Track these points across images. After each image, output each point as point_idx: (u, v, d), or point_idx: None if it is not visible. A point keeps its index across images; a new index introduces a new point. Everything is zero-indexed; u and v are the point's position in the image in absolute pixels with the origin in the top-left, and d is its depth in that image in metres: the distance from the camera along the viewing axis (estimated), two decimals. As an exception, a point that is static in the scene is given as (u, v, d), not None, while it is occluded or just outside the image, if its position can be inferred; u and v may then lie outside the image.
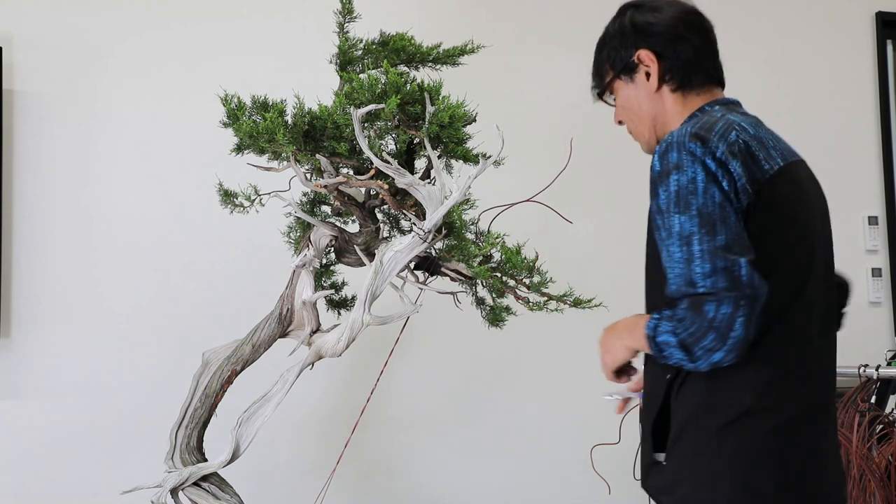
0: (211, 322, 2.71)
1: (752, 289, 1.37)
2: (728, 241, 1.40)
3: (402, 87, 1.89)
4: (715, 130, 1.47)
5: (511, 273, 2.06)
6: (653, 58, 1.64)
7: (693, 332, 1.39)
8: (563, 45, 3.28)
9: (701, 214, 1.41)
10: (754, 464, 1.46)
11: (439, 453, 3.02)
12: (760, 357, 1.46)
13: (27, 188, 2.74)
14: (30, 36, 2.77)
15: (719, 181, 1.42)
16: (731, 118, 1.53)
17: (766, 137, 1.54)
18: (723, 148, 1.44)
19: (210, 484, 2.08)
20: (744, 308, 1.37)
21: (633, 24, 1.67)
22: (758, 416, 1.46)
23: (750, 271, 1.38)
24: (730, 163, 1.44)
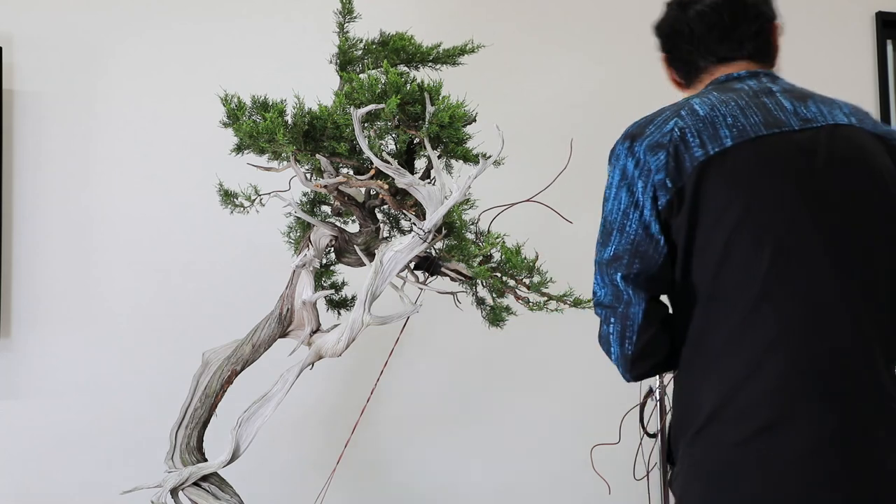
0: (211, 322, 2.71)
1: (626, 305, 1.38)
2: (616, 253, 1.39)
3: (402, 87, 1.89)
4: (656, 121, 1.42)
5: (511, 273, 2.06)
6: (664, 61, 1.64)
7: (602, 346, 1.47)
8: (563, 45, 3.28)
9: (605, 221, 1.43)
10: (718, 477, 1.33)
11: (439, 453, 3.02)
12: (720, 359, 1.35)
13: (27, 188, 2.74)
14: (30, 36, 2.77)
15: (633, 184, 1.38)
16: (693, 100, 1.43)
17: (725, 115, 1.38)
18: (652, 139, 1.39)
19: (210, 484, 2.08)
20: (615, 326, 1.40)
21: (657, 27, 1.65)
22: (721, 424, 1.33)
23: (625, 286, 1.38)
24: (650, 157, 1.38)
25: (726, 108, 1.41)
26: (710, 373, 1.36)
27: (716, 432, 1.33)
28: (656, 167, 1.37)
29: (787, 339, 1.31)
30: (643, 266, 1.39)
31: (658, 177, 1.37)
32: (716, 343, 1.35)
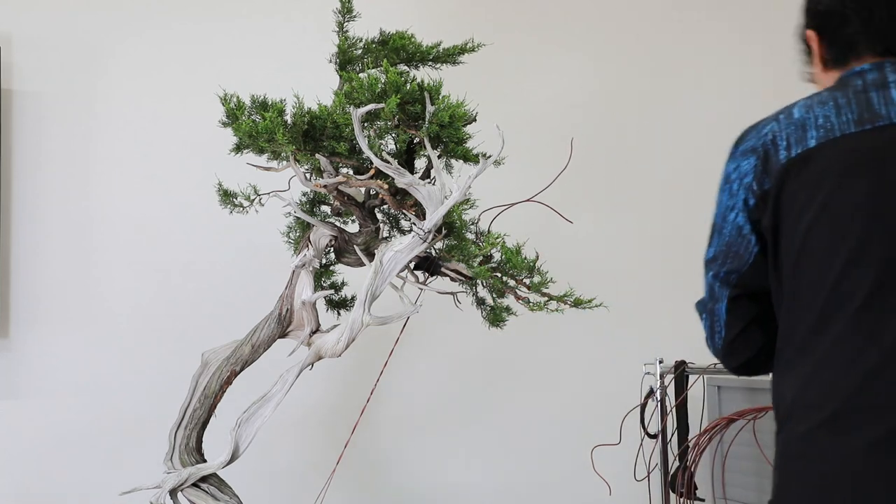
0: (211, 322, 2.71)
1: (714, 302, 1.48)
2: (716, 253, 1.47)
3: (401, 87, 1.88)
4: (757, 126, 1.47)
5: (511, 273, 2.06)
6: (815, 37, 1.59)
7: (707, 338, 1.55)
8: (564, 45, 3.27)
9: (713, 223, 1.49)
10: (785, 472, 1.36)
11: (439, 453, 3.01)
12: (797, 359, 1.36)
13: (27, 188, 2.73)
14: (30, 36, 2.77)
15: (730, 185, 1.45)
16: (800, 102, 1.47)
17: (818, 116, 1.39)
18: (748, 144, 1.45)
19: (209, 485, 2.08)
20: (706, 322, 1.50)
21: (805, 4, 1.63)
22: (793, 419, 1.34)
23: (718, 286, 1.47)
24: (742, 161, 1.44)
25: (822, 109, 1.42)
26: (788, 370, 1.40)
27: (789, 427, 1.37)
28: (746, 171, 1.43)
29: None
30: (734, 265, 1.45)
31: (747, 180, 1.43)
32: (795, 341, 1.38)
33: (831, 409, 1.30)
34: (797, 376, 1.36)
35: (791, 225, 1.37)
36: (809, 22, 1.59)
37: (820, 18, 1.56)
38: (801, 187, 1.36)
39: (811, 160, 1.36)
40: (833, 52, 1.53)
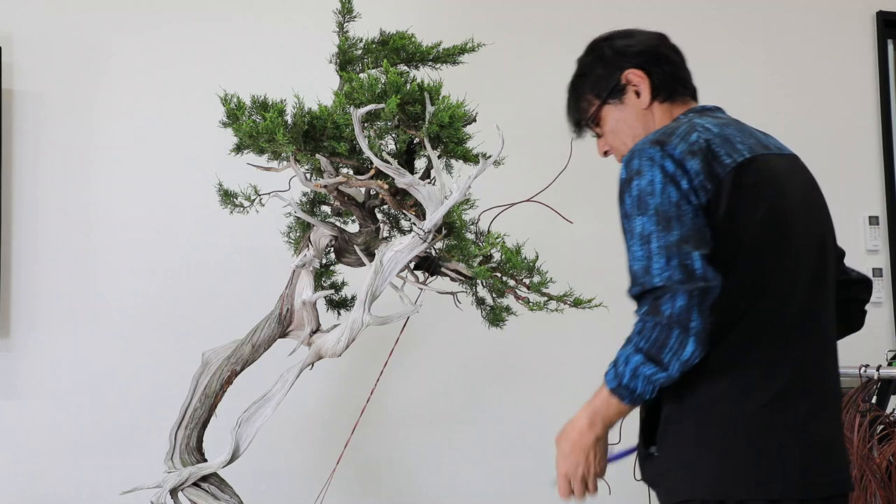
0: (211, 322, 2.71)
1: (706, 280, 1.43)
2: (683, 236, 1.46)
3: (401, 87, 1.88)
4: (677, 133, 1.54)
5: (511, 273, 2.06)
6: (641, 75, 1.72)
7: (656, 338, 1.44)
8: (564, 44, 3.26)
9: (658, 213, 1.48)
10: (729, 450, 1.48)
11: (439, 453, 3.01)
12: (734, 345, 1.50)
13: (27, 188, 2.73)
14: (30, 36, 2.77)
15: (677, 181, 1.48)
16: (696, 121, 1.59)
17: (733, 134, 1.57)
18: (682, 147, 1.51)
19: (210, 484, 2.08)
20: (696, 298, 1.43)
21: (613, 50, 1.77)
22: (733, 401, 1.49)
23: (703, 263, 1.44)
24: (687, 161, 1.49)
25: (729, 130, 1.58)
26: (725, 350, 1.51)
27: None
28: (695, 171, 1.49)
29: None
30: (710, 248, 1.48)
31: (698, 180, 1.49)
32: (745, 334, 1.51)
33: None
34: (733, 362, 1.49)
35: (739, 225, 1.50)
36: (630, 62, 1.73)
37: (642, 58, 1.73)
38: (746, 190, 1.50)
39: (749, 169, 1.52)
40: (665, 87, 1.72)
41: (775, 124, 3.62)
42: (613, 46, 1.77)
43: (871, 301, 3.67)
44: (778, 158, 1.61)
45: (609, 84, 1.74)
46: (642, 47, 1.74)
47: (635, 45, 1.75)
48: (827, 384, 1.57)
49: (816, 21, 3.63)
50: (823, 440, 1.53)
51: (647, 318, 1.46)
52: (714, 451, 1.49)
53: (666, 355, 1.44)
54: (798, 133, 3.58)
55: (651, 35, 1.78)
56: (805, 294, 1.56)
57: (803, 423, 1.50)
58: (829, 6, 3.65)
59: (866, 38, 3.68)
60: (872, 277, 3.51)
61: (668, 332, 1.43)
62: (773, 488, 1.47)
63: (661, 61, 1.73)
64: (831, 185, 3.58)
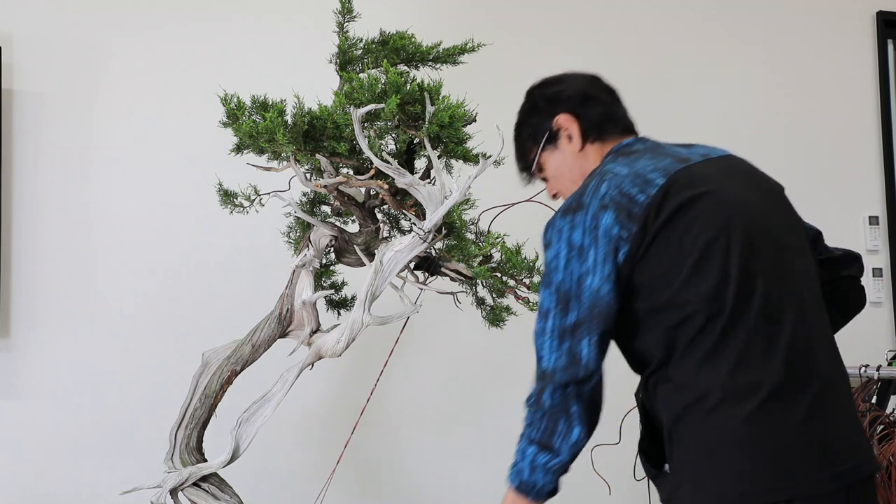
0: (211, 322, 2.71)
1: (587, 370, 1.50)
2: (579, 318, 1.51)
3: (401, 87, 1.89)
4: (587, 191, 1.56)
5: (511, 273, 2.06)
6: (571, 119, 1.75)
7: (545, 427, 1.54)
8: (564, 44, 3.28)
9: (558, 291, 1.53)
10: (730, 457, 1.47)
11: (439, 453, 3.01)
12: (713, 352, 1.49)
13: (27, 188, 2.73)
14: (30, 36, 2.77)
15: (584, 252, 1.51)
16: (608, 167, 1.60)
17: (645, 166, 1.57)
18: (595, 205, 1.53)
19: (210, 484, 2.08)
20: (573, 389, 1.51)
21: (543, 97, 1.81)
22: (726, 408, 1.47)
23: (589, 351, 1.50)
24: (600, 218, 1.51)
25: (641, 163, 1.59)
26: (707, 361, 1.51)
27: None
28: (608, 226, 1.51)
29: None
30: (605, 325, 1.52)
31: (613, 232, 1.51)
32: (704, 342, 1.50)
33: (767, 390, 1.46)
34: (717, 369, 1.48)
35: (676, 243, 1.50)
36: (560, 108, 1.76)
37: (571, 102, 1.76)
38: (671, 216, 1.50)
39: (670, 192, 1.52)
40: (595, 128, 1.74)
41: (775, 124, 3.63)
42: (544, 94, 1.81)
43: (871, 301, 3.68)
44: (703, 164, 1.61)
45: (543, 130, 1.78)
46: (571, 92, 1.78)
47: (564, 90, 1.79)
48: (823, 372, 1.53)
49: (816, 21, 3.63)
50: (826, 431, 1.49)
51: (533, 408, 1.55)
52: (717, 460, 1.48)
53: (556, 441, 1.53)
54: (798, 133, 3.59)
55: (581, 78, 1.82)
56: (773, 284, 1.53)
57: (802, 419, 1.47)
58: (829, 6, 3.65)
59: (866, 38, 3.68)
60: (872, 277, 3.52)
61: (555, 420, 1.52)
62: (778, 490, 1.45)
63: (590, 103, 1.76)
64: (831, 185, 3.61)
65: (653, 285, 1.52)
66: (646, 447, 1.66)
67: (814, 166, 3.56)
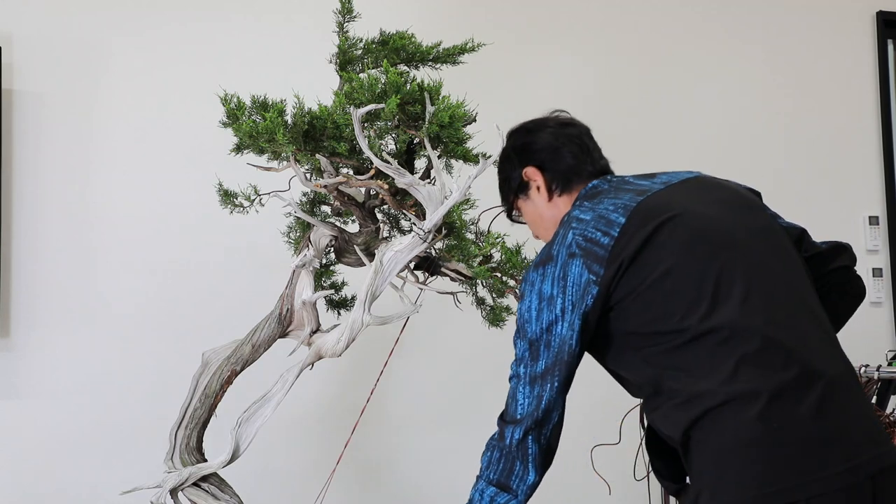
0: (211, 322, 2.71)
1: (546, 413, 1.58)
2: (546, 367, 1.58)
3: (401, 87, 1.88)
4: (555, 242, 1.61)
5: (511, 273, 2.06)
6: (537, 172, 1.80)
7: (503, 467, 1.60)
8: (563, 45, 3.28)
9: (531, 342, 1.60)
10: (741, 459, 1.46)
11: (439, 453, 3.01)
12: (709, 364, 1.50)
13: (27, 188, 2.74)
14: (30, 36, 2.77)
15: (553, 302, 1.57)
16: (573, 214, 1.65)
17: (607, 207, 1.61)
18: (563, 255, 1.58)
19: (210, 484, 2.08)
20: (533, 432, 1.58)
21: (514, 148, 1.85)
22: (732, 411, 1.47)
23: (554, 396, 1.58)
24: (569, 267, 1.57)
25: (602, 205, 1.63)
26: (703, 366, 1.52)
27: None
28: (576, 274, 1.56)
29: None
30: (567, 371, 1.59)
31: (584, 278, 1.56)
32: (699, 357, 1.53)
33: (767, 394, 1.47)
34: (717, 379, 1.48)
35: (649, 280, 1.54)
36: (528, 160, 1.80)
37: (540, 155, 1.80)
38: (640, 251, 1.54)
39: (632, 224, 1.56)
40: (560, 182, 1.78)
41: (775, 124, 3.63)
42: (516, 144, 1.85)
43: (871, 301, 3.68)
44: (664, 192, 1.64)
45: (515, 180, 1.84)
46: (541, 145, 1.81)
47: (533, 142, 1.82)
48: (825, 370, 1.50)
49: (816, 21, 3.63)
50: (839, 425, 1.47)
51: (495, 443, 1.62)
52: (731, 464, 1.47)
53: (514, 482, 1.59)
54: (798, 133, 3.59)
55: (552, 129, 1.84)
56: (755, 293, 1.53)
57: (812, 416, 1.45)
58: (829, 6, 3.65)
59: (866, 38, 3.68)
60: (872, 277, 3.52)
61: (513, 462, 1.59)
62: (797, 489, 1.43)
63: (558, 155, 1.79)
64: (831, 185, 3.61)
65: (635, 318, 1.56)
66: (659, 467, 1.68)
67: (814, 166, 3.56)
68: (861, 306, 3.44)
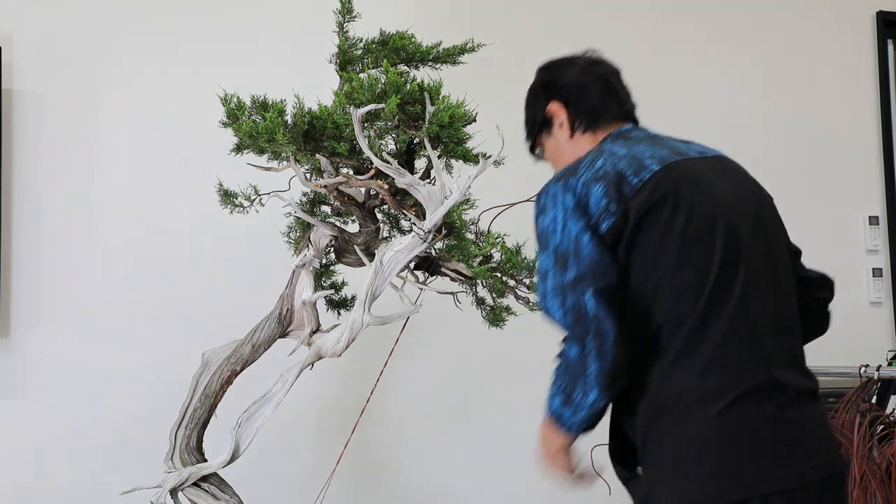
0: (211, 322, 2.71)
1: (597, 322, 1.47)
2: (579, 274, 1.51)
3: (401, 87, 1.89)
4: (584, 163, 1.59)
5: (511, 273, 2.06)
6: (561, 108, 1.78)
7: (566, 384, 1.52)
8: (564, 44, 3.27)
9: (556, 252, 1.54)
10: (701, 453, 1.48)
11: (439, 453, 3.01)
12: (686, 352, 1.50)
13: (27, 188, 2.73)
14: (30, 36, 2.77)
15: (577, 215, 1.53)
16: (606, 146, 1.64)
17: (643, 151, 1.60)
18: (587, 175, 1.55)
19: (210, 484, 2.08)
20: (591, 344, 1.48)
21: (540, 82, 1.84)
22: (697, 406, 1.49)
23: (596, 302, 1.48)
24: (591, 187, 1.54)
25: (639, 147, 1.63)
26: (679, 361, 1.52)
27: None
28: (598, 196, 1.53)
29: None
30: (609, 280, 1.51)
31: (602, 203, 1.53)
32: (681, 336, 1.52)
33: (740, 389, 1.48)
34: (690, 370, 1.49)
35: (657, 236, 1.52)
36: (554, 95, 1.79)
37: (565, 91, 1.78)
38: (659, 202, 1.53)
39: (662, 180, 1.55)
40: (584, 119, 1.76)
41: (775, 124, 3.63)
42: (542, 79, 1.85)
43: (871, 301, 3.68)
44: (698, 161, 1.63)
45: (539, 116, 1.82)
46: (566, 81, 1.80)
47: (559, 78, 1.81)
48: (793, 382, 1.54)
49: (816, 21, 3.63)
50: (798, 428, 1.51)
51: (558, 360, 1.54)
52: (691, 460, 1.49)
53: (577, 397, 1.52)
54: (798, 133, 3.59)
55: (580, 66, 1.82)
56: (753, 288, 1.55)
57: (773, 417, 1.49)
58: (829, 6, 3.65)
59: (866, 38, 3.68)
60: (872, 277, 3.52)
61: (573, 381, 1.51)
62: (754, 486, 1.46)
63: (584, 93, 1.77)
64: (831, 185, 3.61)
65: (635, 273, 1.54)
66: (616, 451, 1.67)
67: (814, 166, 3.56)
68: (861, 306, 3.45)
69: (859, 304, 3.50)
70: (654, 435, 1.53)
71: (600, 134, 1.75)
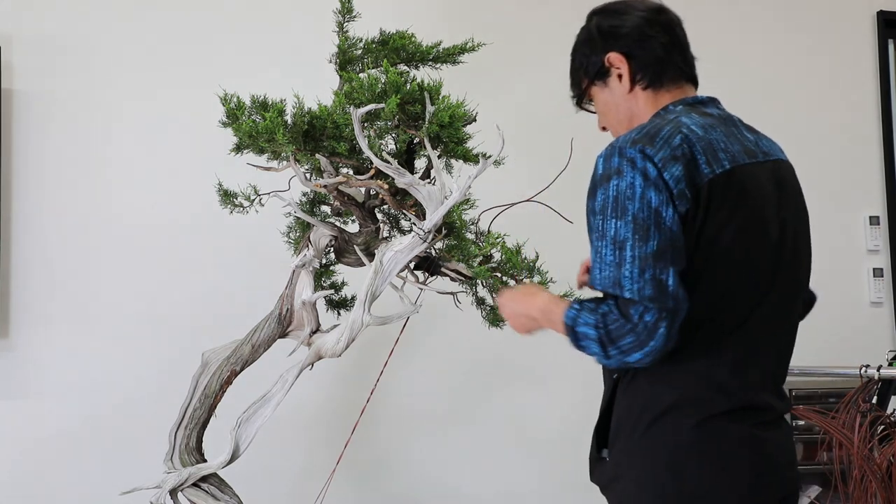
0: (211, 322, 2.71)
1: (676, 301, 1.41)
2: (660, 249, 1.42)
3: (401, 87, 1.89)
4: (660, 136, 1.48)
5: (511, 273, 2.06)
6: (622, 59, 1.65)
7: (614, 331, 1.43)
8: (564, 44, 3.27)
9: (636, 220, 1.43)
10: (677, 459, 1.47)
11: (439, 453, 3.01)
12: (690, 355, 1.48)
13: (27, 188, 2.73)
14: (30, 36, 2.77)
15: (658, 188, 1.43)
16: (683, 120, 1.52)
17: (717, 140, 1.51)
18: (665, 153, 1.45)
19: (209, 485, 2.08)
20: (666, 320, 1.40)
21: (599, 29, 1.70)
22: (681, 411, 1.48)
23: (676, 283, 1.41)
24: (669, 167, 1.44)
25: (715, 133, 1.53)
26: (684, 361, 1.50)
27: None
28: (676, 178, 1.44)
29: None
30: (683, 265, 1.44)
31: (679, 187, 1.44)
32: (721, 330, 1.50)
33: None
34: (725, 362, 1.48)
35: (710, 238, 1.46)
36: (613, 45, 1.66)
37: (627, 40, 1.65)
38: (720, 204, 1.47)
39: (729, 180, 1.48)
40: (648, 74, 1.64)
41: (775, 124, 3.62)
42: (601, 26, 1.70)
43: (871, 301, 3.68)
44: (760, 167, 1.55)
45: (595, 64, 1.68)
46: (628, 29, 1.65)
47: (621, 26, 1.66)
48: (776, 405, 1.56)
49: (816, 21, 3.62)
50: (770, 446, 1.52)
51: (613, 310, 1.44)
52: (663, 463, 1.48)
53: (613, 350, 1.43)
54: (798, 133, 3.59)
55: (642, 14, 1.67)
56: (776, 308, 1.55)
57: (750, 433, 1.49)
58: (829, 6, 3.65)
59: (866, 38, 3.68)
60: (873, 277, 3.52)
61: (625, 335, 1.42)
62: (724, 496, 1.46)
63: (647, 44, 1.64)
64: (831, 185, 3.60)
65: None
66: (599, 427, 1.63)
67: (814, 166, 3.55)
68: (861, 306, 3.45)
69: (860, 305, 3.50)
70: (631, 426, 1.52)
71: (663, 93, 1.64)
